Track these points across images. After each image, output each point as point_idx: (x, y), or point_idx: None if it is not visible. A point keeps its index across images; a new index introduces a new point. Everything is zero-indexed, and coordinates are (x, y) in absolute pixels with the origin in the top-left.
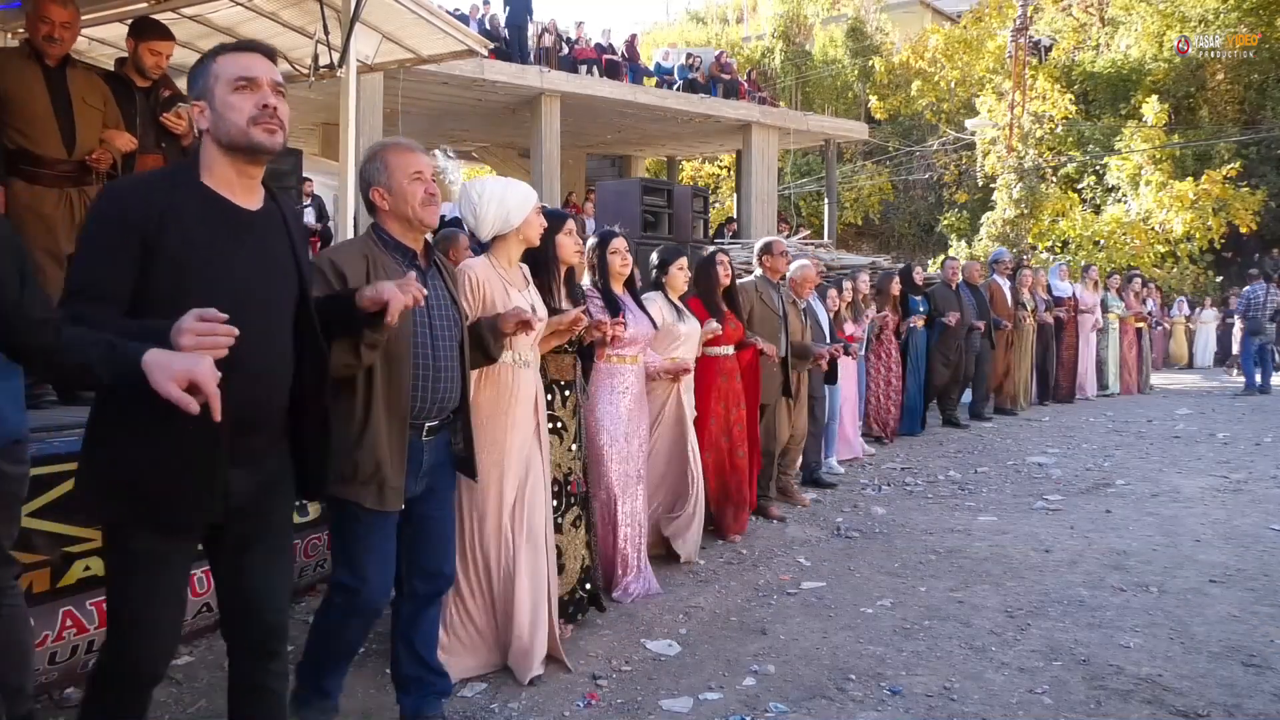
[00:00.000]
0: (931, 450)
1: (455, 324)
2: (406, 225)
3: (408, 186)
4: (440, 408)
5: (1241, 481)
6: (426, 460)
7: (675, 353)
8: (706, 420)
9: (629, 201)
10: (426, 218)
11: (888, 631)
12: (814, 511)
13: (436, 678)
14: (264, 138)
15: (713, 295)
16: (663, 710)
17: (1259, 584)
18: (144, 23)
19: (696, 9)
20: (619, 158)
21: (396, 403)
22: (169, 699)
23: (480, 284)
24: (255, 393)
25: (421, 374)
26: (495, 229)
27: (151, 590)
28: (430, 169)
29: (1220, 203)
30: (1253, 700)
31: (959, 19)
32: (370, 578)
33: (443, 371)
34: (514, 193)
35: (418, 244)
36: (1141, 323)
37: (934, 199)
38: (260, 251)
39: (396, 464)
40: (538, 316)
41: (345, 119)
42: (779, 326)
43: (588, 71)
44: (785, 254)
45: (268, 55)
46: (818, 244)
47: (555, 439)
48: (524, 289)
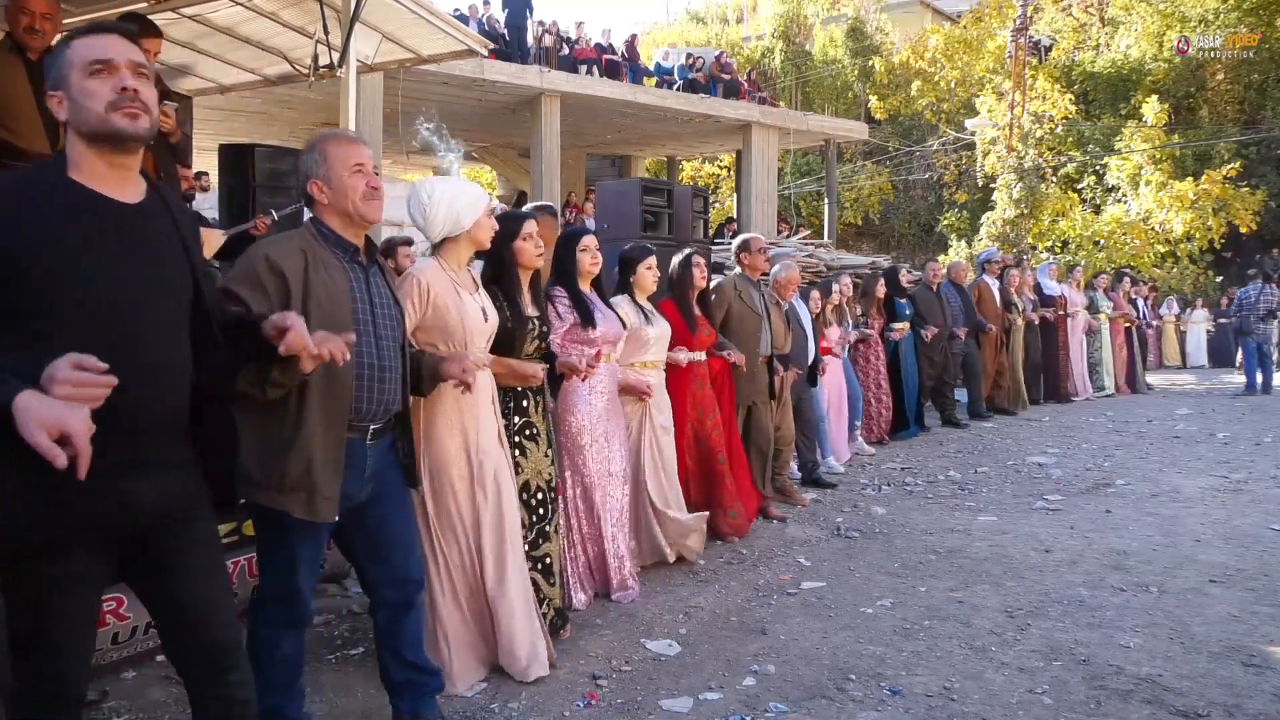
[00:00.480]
0: (931, 450)
1: (398, 324)
2: (347, 220)
3: (348, 180)
4: (385, 409)
5: (1241, 481)
6: (371, 464)
7: (645, 356)
8: (684, 426)
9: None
10: (368, 212)
11: (888, 631)
12: (814, 511)
13: (428, 677)
14: (125, 123)
15: (687, 300)
16: (663, 710)
17: (1259, 584)
18: (131, 20)
19: (696, 9)
20: (619, 158)
21: (335, 406)
22: (169, 699)
23: (430, 288)
24: (144, 398)
25: (365, 375)
26: (445, 231)
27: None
28: (372, 162)
29: (1220, 203)
30: (1253, 700)
31: (959, 19)
32: (301, 589)
33: (387, 372)
34: (465, 194)
35: (359, 239)
36: (1128, 323)
37: (934, 199)
38: (141, 247)
39: (330, 471)
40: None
41: (345, 119)
42: (759, 325)
43: (588, 71)
44: (764, 251)
45: (127, 35)
46: (818, 244)
47: (532, 445)
48: (474, 292)
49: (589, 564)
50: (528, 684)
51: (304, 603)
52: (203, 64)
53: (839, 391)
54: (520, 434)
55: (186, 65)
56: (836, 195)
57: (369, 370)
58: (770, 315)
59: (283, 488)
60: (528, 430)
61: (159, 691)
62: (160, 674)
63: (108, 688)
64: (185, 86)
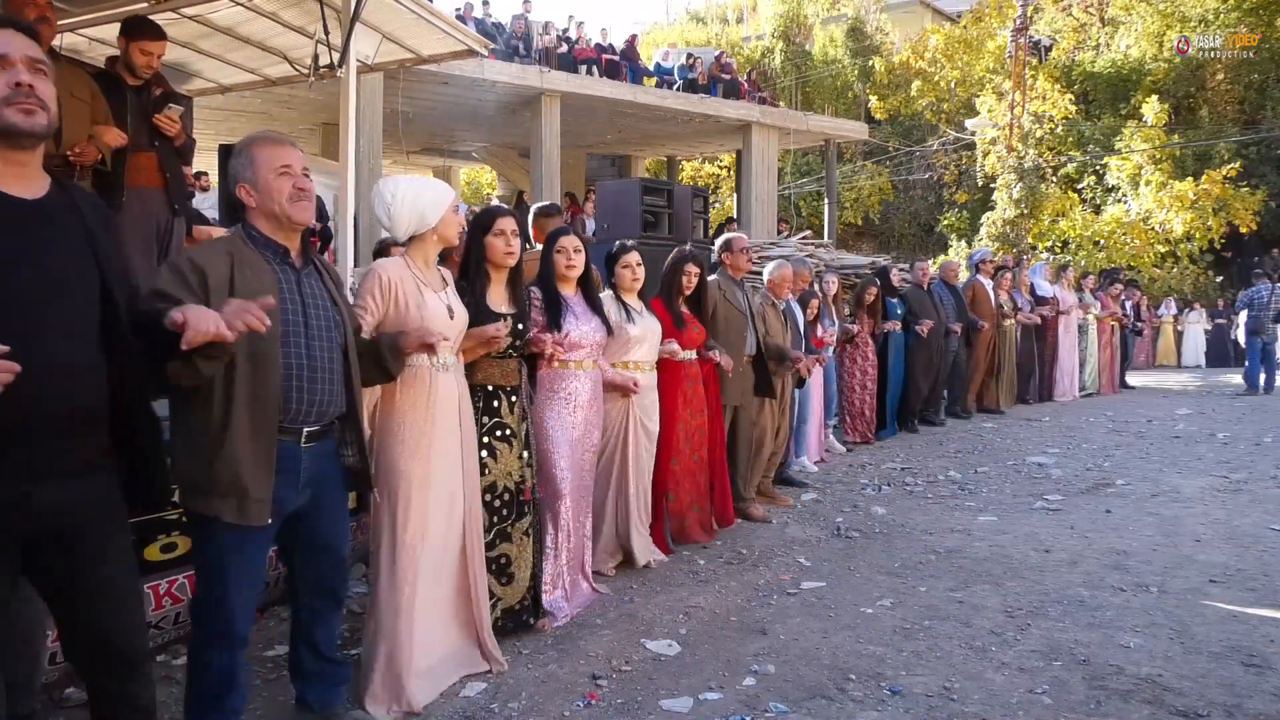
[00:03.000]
0: (931, 450)
1: (336, 325)
2: (275, 222)
3: (274, 182)
4: (320, 412)
5: (1241, 481)
6: (307, 470)
7: (630, 356)
8: (675, 427)
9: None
10: (295, 214)
11: (888, 631)
12: (814, 511)
13: (337, 668)
14: (18, 119)
15: (672, 299)
16: (663, 710)
17: (1259, 584)
18: (135, 22)
19: (696, 9)
20: (619, 158)
21: (262, 406)
22: (169, 699)
23: (392, 285)
24: (47, 398)
25: (295, 375)
26: (411, 228)
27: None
28: (301, 163)
29: (1220, 203)
30: (1253, 700)
31: (959, 19)
32: (231, 601)
33: (320, 373)
34: (429, 191)
35: (291, 241)
36: (1115, 322)
37: (934, 199)
38: (44, 244)
39: (261, 474)
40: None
41: (345, 119)
42: (745, 325)
43: (588, 71)
44: (746, 251)
45: (25, 30)
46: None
47: (505, 446)
48: (441, 290)
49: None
50: (528, 684)
51: (234, 617)
52: (203, 64)
53: (818, 391)
54: (490, 434)
55: (187, 65)
56: (836, 195)
57: (300, 371)
58: (755, 316)
59: (213, 492)
60: (499, 431)
61: (159, 692)
62: (160, 674)
63: None
64: (186, 87)
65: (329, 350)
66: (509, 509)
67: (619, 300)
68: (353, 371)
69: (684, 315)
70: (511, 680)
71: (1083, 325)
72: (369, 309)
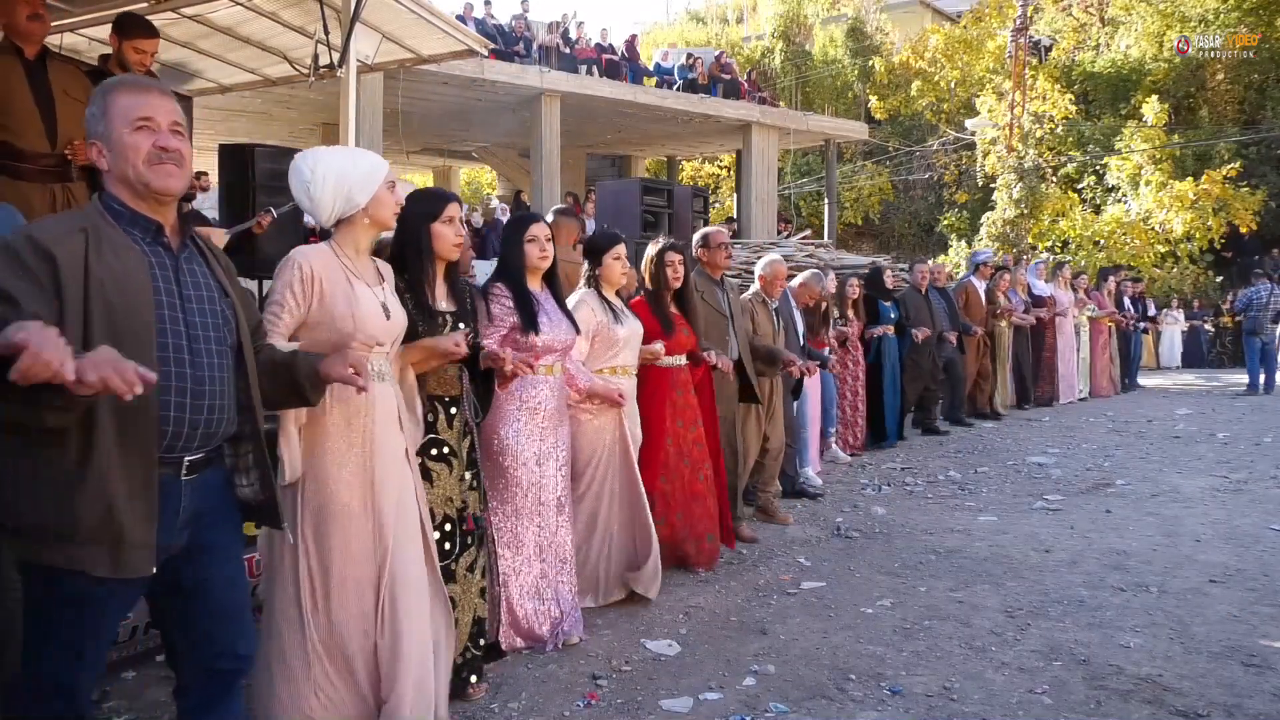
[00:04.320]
0: (931, 450)
1: (226, 323)
2: (135, 191)
3: (128, 138)
4: (207, 434)
5: (1241, 481)
6: (188, 505)
7: (615, 361)
8: (662, 441)
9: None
10: (154, 181)
11: (888, 631)
12: (814, 511)
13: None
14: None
15: (661, 297)
16: (663, 710)
17: (1259, 584)
18: (129, 20)
19: (696, 9)
20: (619, 158)
21: (135, 430)
22: (169, 699)
23: (313, 277)
24: None
25: (176, 391)
26: (337, 211)
27: None
28: (171, 116)
29: (1220, 203)
30: (1253, 700)
31: (959, 19)
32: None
33: (207, 386)
34: (358, 166)
35: (164, 216)
36: (1113, 321)
37: (934, 199)
38: None
39: (140, 512)
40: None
41: (345, 119)
42: (726, 328)
43: (588, 71)
44: (724, 247)
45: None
46: (818, 244)
47: (442, 467)
48: (375, 285)
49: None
50: (528, 684)
51: (84, 696)
52: (203, 64)
53: (816, 398)
54: (424, 454)
55: (187, 65)
56: (836, 195)
57: (179, 385)
58: (736, 317)
59: (73, 538)
60: (435, 449)
61: (159, 691)
62: (160, 674)
63: (108, 687)
64: (186, 87)
65: (217, 356)
66: (450, 541)
67: (602, 298)
68: (250, 380)
69: (673, 316)
70: (511, 680)
71: (1078, 326)
72: (287, 307)
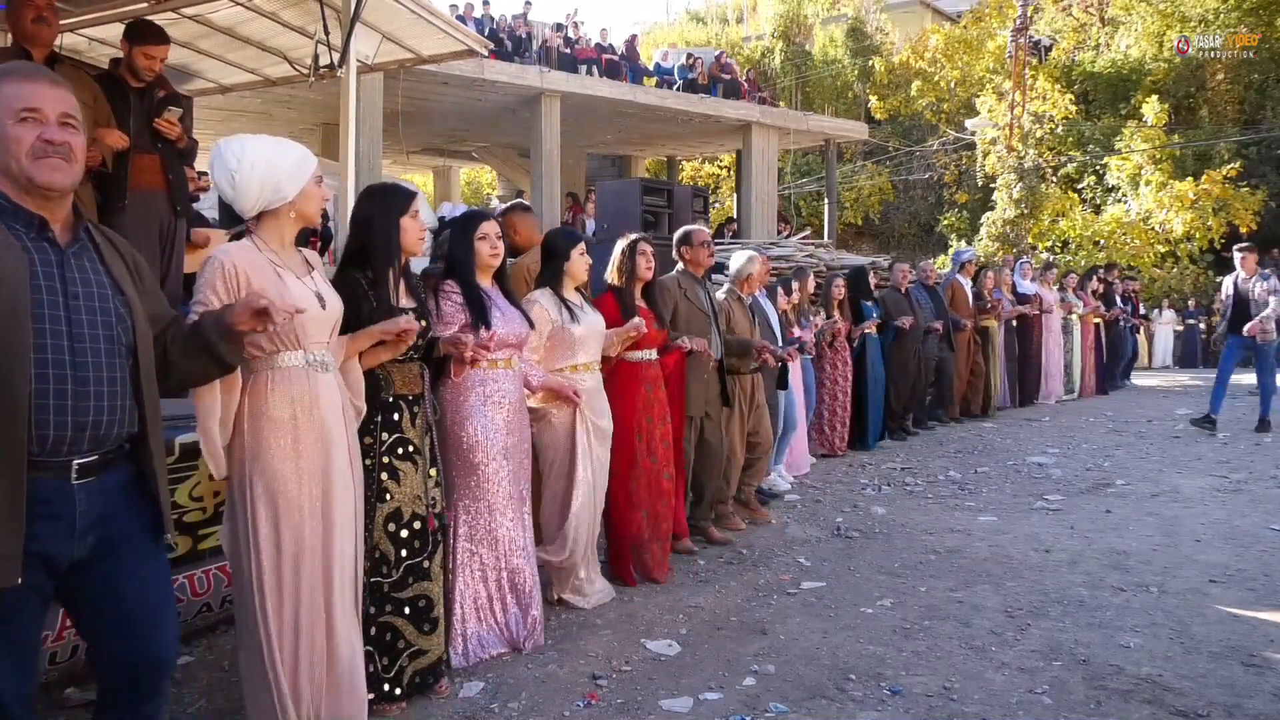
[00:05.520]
0: (931, 450)
1: (118, 320)
2: (19, 185)
3: (11, 130)
4: (96, 436)
5: (1241, 481)
6: (88, 510)
7: (575, 359)
8: (631, 437)
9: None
10: (37, 175)
11: (888, 631)
12: (814, 511)
13: None
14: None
15: (629, 291)
16: (663, 710)
17: (1259, 584)
18: (139, 27)
19: (696, 9)
20: (619, 158)
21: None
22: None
23: (238, 273)
24: None
25: (53, 390)
26: (262, 203)
27: None
28: (61, 107)
29: (1220, 203)
30: (1253, 700)
31: (959, 19)
32: None
33: (91, 385)
34: (287, 156)
35: (51, 210)
36: (1099, 317)
37: (934, 199)
38: None
39: (4, 520)
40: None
41: (345, 119)
42: (709, 325)
43: (588, 71)
44: (707, 245)
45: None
46: (818, 244)
47: (408, 465)
48: (305, 275)
49: (489, 600)
50: (528, 684)
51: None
52: (203, 64)
53: (802, 400)
54: (391, 453)
55: (187, 66)
56: (836, 195)
57: (58, 384)
58: (719, 315)
59: None
60: (401, 449)
61: None
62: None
63: None
64: (186, 87)
65: (106, 354)
66: (420, 539)
67: (558, 297)
68: (144, 379)
69: (640, 310)
70: (511, 680)
71: (1066, 325)
72: (209, 306)
